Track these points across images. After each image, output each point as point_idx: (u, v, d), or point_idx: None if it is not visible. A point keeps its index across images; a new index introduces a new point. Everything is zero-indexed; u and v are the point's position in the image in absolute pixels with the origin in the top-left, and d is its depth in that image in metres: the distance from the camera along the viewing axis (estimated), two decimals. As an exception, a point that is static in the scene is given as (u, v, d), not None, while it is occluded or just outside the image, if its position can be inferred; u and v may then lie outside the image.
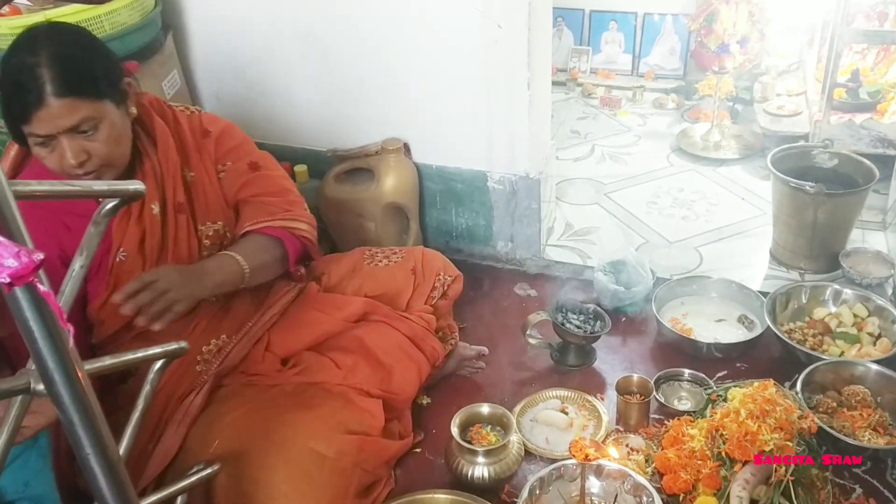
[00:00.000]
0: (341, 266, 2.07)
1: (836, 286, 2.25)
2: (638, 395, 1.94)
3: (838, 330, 2.15)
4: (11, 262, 0.68)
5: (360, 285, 2.01)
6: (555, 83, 3.44)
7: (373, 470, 1.70)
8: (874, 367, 1.92)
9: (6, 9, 2.26)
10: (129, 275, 1.61)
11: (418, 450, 1.90)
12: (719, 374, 2.07)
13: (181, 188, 1.73)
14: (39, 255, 0.70)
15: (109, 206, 1.00)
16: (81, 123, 1.48)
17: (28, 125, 1.46)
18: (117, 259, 1.62)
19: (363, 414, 1.71)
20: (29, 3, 2.28)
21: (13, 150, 1.66)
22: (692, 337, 2.16)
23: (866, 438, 1.76)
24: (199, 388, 1.69)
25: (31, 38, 1.48)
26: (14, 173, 1.64)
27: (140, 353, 1.10)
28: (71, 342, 0.83)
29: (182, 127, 1.78)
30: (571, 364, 2.15)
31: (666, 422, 1.88)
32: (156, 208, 1.67)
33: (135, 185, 1.01)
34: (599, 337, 2.15)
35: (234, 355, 1.77)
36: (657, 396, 1.95)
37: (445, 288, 2.09)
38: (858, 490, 1.71)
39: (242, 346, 1.79)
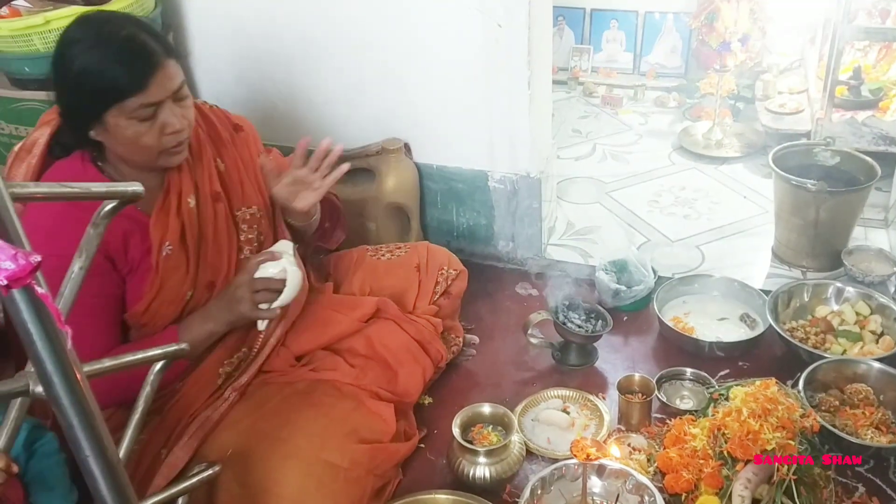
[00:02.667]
0: (343, 261, 2.08)
1: (839, 284, 2.25)
2: (640, 395, 1.93)
3: (840, 328, 2.14)
4: (8, 265, 0.68)
5: (364, 281, 2.01)
6: (556, 82, 3.43)
7: (384, 473, 1.71)
8: (876, 365, 1.92)
9: (5, 10, 2.26)
10: (175, 269, 1.62)
11: (422, 445, 1.90)
12: (721, 373, 2.06)
13: (215, 177, 1.72)
14: (36, 258, 0.70)
15: (108, 207, 1.00)
16: (181, 86, 1.52)
17: (142, 94, 1.45)
18: (163, 254, 1.60)
19: (375, 419, 1.71)
20: (28, 4, 2.28)
21: (31, 158, 1.63)
22: (694, 336, 2.15)
23: (869, 437, 1.76)
24: (219, 404, 1.67)
25: (104, 17, 1.53)
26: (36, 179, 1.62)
27: (140, 355, 1.10)
28: (69, 344, 0.83)
29: (210, 119, 1.77)
30: (573, 363, 2.15)
31: (668, 421, 1.87)
32: (192, 201, 1.66)
33: (133, 187, 1.01)
34: (601, 336, 2.14)
35: (253, 367, 1.76)
36: (659, 396, 1.95)
37: (449, 283, 2.08)
38: (861, 489, 1.70)
39: (262, 356, 1.77)
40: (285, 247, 1.70)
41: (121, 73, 1.45)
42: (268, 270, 1.63)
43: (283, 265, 1.64)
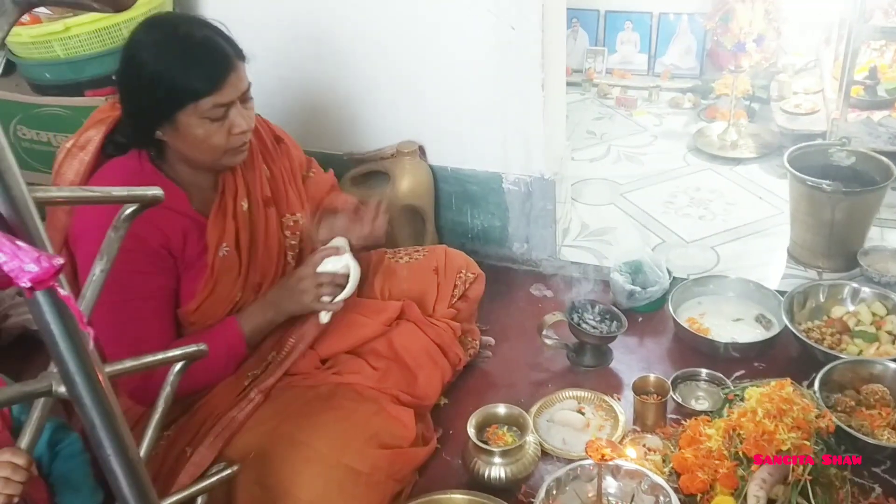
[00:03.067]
0: (362, 264, 2.07)
1: (854, 284, 2.24)
2: (655, 396, 1.93)
3: (856, 328, 2.13)
4: (32, 267, 0.70)
5: (383, 284, 2.03)
6: (570, 84, 3.43)
7: (403, 478, 1.73)
8: (893, 365, 1.91)
9: (26, 17, 2.29)
10: (229, 270, 1.67)
11: (438, 445, 1.90)
12: (737, 374, 2.06)
13: (266, 183, 1.78)
14: (59, 260, 0.72)
15: (129, 211, 1.02)
16: (248, 87, 1.59)
17: (216, 95, 1.51)
18: (220, 255, 1.65)
19: (396, 424, 1.73)
20: (48, 12, 2.31)
21: (84, 154, 1.65)
22: (709, 336, 2.15)
23: (885, 437, 1.75)
24: (245, 405, 1.69)
25: (176, 19, 1.62)
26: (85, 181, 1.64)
27: (160, 356, 1.11)
28: (91, 345, 0.84)
29: (257, 129, 1.80)
30: (588, 364, 2.16)
31: (683, 422, 1.87)
32: (245, 205, 1.71)
33: (153, 191, 1.02)
34: (616, 337, 2.15)
35: (280, 370, 1.77)
36: (674, 396, 1.95)
37: (466, 286, 2.09)
38: (878, 489, 1.70)
39: (290, 359, 1.79)
40: (343, 243, 1.76)
41: (198, 75, 1.49)
42: (333, 265, 1.69)
43: (346, 260, 1.72)
